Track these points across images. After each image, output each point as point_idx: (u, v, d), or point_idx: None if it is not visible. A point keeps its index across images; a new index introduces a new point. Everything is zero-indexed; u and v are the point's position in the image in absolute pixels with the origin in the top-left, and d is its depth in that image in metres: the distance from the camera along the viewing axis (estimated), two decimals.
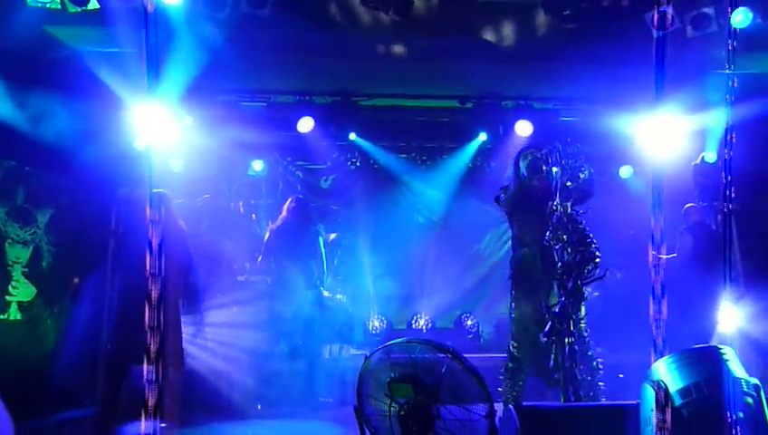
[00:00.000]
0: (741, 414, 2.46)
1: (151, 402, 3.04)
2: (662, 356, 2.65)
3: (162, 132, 3.46)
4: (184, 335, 4.86)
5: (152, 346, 3.07)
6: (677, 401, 2.54)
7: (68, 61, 5.69)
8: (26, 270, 5.25)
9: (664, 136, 3.42)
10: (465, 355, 2.85)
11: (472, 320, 8.39)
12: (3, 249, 5.12)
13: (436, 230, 9.05)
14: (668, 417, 2.39)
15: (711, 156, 6.50)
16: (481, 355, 6.97)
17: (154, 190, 3.24)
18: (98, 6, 5.08)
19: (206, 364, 5.54)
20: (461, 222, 8.93)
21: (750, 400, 2.53)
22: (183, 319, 4.88)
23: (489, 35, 6.15)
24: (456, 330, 8.42)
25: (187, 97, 6.44)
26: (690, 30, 5.53)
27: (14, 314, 5.15)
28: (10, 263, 5.16)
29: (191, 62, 5.56)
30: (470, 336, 8.25)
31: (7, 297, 5.10)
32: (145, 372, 3.08)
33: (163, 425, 3.36)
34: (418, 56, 6.39)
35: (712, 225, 6.07)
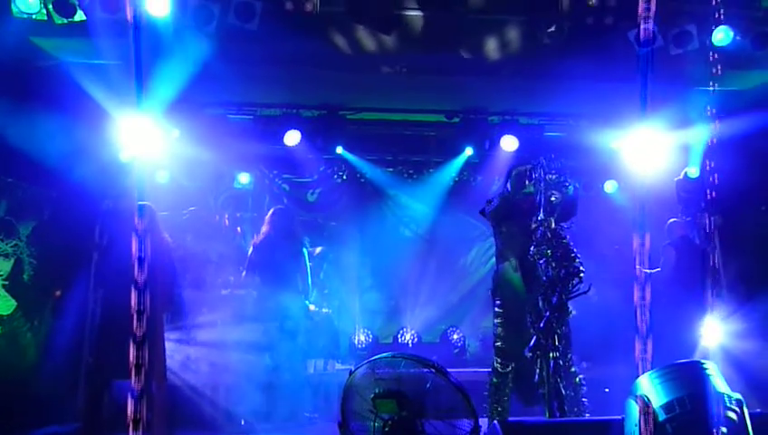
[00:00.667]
0: (724, 429, 2.47)
1: (134, 417, 3.00)
2: (645, 371, 2.65)
3: (148, 144, 3.44)
4: (167, 349, 4.82)
5: (135, 360, 3.03)
6: (661, 417, 2.54)
7: (53, 72, 5.66)
8: (6, 283, 5.18)
9: (648, 151, 3.46)
10: (450, 370, 2.84)
11: (458, 334, 8.38)
12: None
13: (423, 244, 9.06)
14: (652, 432, 2.39)
15: (693, 171, 6.58)
16: (467, 370, 6.96)
17: (139, 202, 3.22)
18: (84, 18, 5.07)
19: (190, 379, 5.49)
20: (447, 236, 8.94)
21: (733, 415, 2.54)
22: (167, 333, 4.83)
23: (475, 51, 6.20)
24: (442, 344, 8.40)
25: (174, 109, 6.42)
26: (673, 47, 5.61)
27: None
28: None
29: (178, 74, 5.56)
30: (456, 350, 8.23)
31: None
32: (128, 387, 3.05)
33: None
34: (406, 71, 6.42)
35: (695, 239, 6.13)
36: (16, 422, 4.78)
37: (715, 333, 3.77)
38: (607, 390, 5.57)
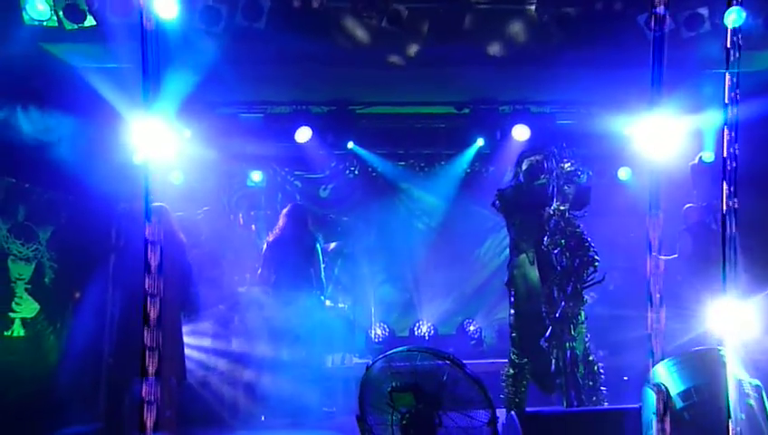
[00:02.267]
0: (743, 416, 2.46)
1: (150, 417, 3.04)
2: (661, 359, 2.64)
3: (161, 146, 3.47)
4: (186, 347, 4.87)
5: (151, 360, 3.07)
6: (679, 404, 2.54)
7: (66, 77, 5.72)
8: (29, 286, 5.27)
9: (661, 137, 3.42)
10: (467, 361, 2.84)
11: (474, 326, 8.38)
12: (5, 266, 5.14)
13: (436, 237, 9.05)
14: (669, 420, 2.39)
15: (708, 156, 6.51)
16: (484, 361, 6.96)
17: (154, 204, 3.25)
18: (94, 23, 5.11)
19: (209, 376, 5.55)
20: (461, 228, 8.93)
21: (751, 401, 2.53)
22: (184, 331, 4.88)
23: (484, 41, 6.17)
24: (458, 336, 8.42)
25: (185, 110, 6.48)
26: (684, 30, 5.55)
27: (18, 330, 5.16)
28: (13, 279, 5.18)
29: (188, 75, 5.60)
30: (473, 342, 8.24)
31: (11, 314, 5.11)
32: (144, 387, 3.08)
33: None
34: (414, 63, 6.40)
35: (712, 224, 6.07)
36: (40, 424, 4.86)
37: (732, 318, 3.73)
38: (626, 378, 5.55)
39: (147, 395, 2.99)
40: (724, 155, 2.87)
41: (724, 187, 2.90)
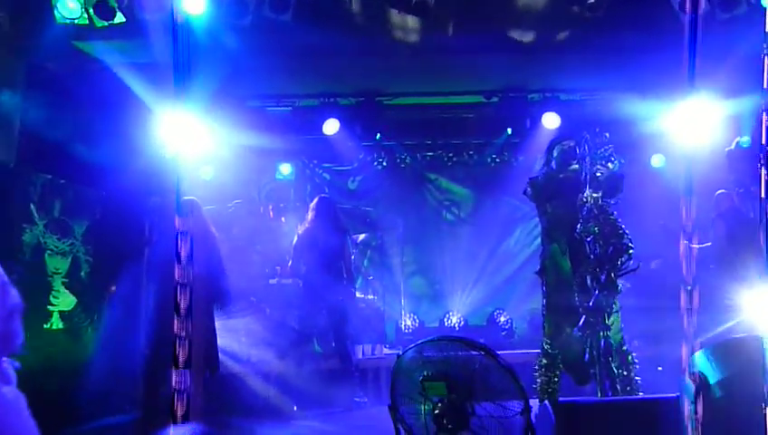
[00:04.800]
0: None
1: (182, 407, 3.09)
2: (696, 348, 2.58)
3: (191, 140, 3.50)
4: (219, 339, 4.93)
5: (185, 352, 3.11)
6: (718, 393, 2.48)
7: (97, 74, 5.81)
8: (66, 280, 5.39)
9: (696, 123, 3.33)
10: (499, 352, 2.82)
11: (505, 316, 8.33)
12: (43, 260, 5.26)
13: (466, 227, 9.01)
14: (709, 410, 2.34)
15: (746, 140, 6.34)
16: (515, 351, 6.90)
17: (184, 198, 3.29)
18: (124, 20, 5.19)
19: (241, 367, 5.61)
20: (490, 218, 8.86)
21: None
22: (217, 322, 4.94)
23: (512, 28, 6.09)
24: (489, 327, 8.37)
25: (214, 104, 6.54)
26: (719, 12, 5.39)
27: (57, 323, 5.28)
28: (50, 273, 5.30)
29: (216, 69, 5.64)
30: (504, 333, 8.19)
31: (49, 307, 5.24)
32: (174, 376, 3.13)
33: (200, 429, 3.42)
34: (442, 53, 6.36)
35: (747, 211, 5.91)
36: (80, 413, 4.97)
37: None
38: (660, 368, 5.46)
39: (178, 384, 3.04)
40: (762, 142, 2.79)
41: (763, 173, 2.81)
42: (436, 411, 2.79)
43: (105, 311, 5.62)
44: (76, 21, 5.18)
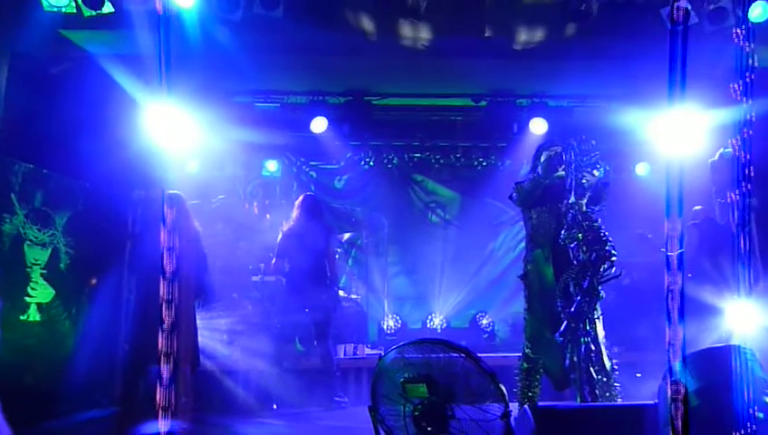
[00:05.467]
0: (761, 415, 2.42)
1: (165, 403, 3.06)
2: (677, 355, 2.61)
3: (177, 134, 3.47)
4: (200, 335, 4.90)
5: (166, 347, 3.08)
6: (696, 402, 2.50)
7: (84, 64, 5.75)
8: (45, 272, 5.31)
9: (681, 132, 3.35)
10: (480, 355, 2.83)
11: (487, 319, 8.36)
12: (22, 251, 5.18)
13: (451, 229, 9.03)
14: (687, 418, 2.35)
15: (729, 152, 6.41)
16: (497, 355, 6.93)
17: (169, 192, 3.26)
18: (112, 10, 5.13)
19: (222, 364, 5.58)
20: (475, 221, 8.90)
21: None
22: (199, 318, 4.91)
23: (503, 33, 6.11)
24: (471, 329, 8.39)
25: (201, 98, 6.49)
26: (707, 24, 5.46)
27: (34, 315, 5.21)
28: (29, 264, 5.22)
29: (205, 63, 5.60)
30: (485, 335, 8.22)
31: (27, 298, 5.16)
32: (160, 372, 3.10)
33: (181, 427, 3.38)
34: (431, 55, 6.36)
35: (726, 222, 5.98)
36: (56, 408, 4.91)
37: (747, 315, 3.68)
38: (639, 374, 5.51)
39: (160, 380, 3.01)
40: (739, 154, 2.82)
41: (740, 185, 2.84)
42: (417, 413, 2.79)
43: (85, 304, 5.56)
44: (63, 9, 5.11)
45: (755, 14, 5.36)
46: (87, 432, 4.88)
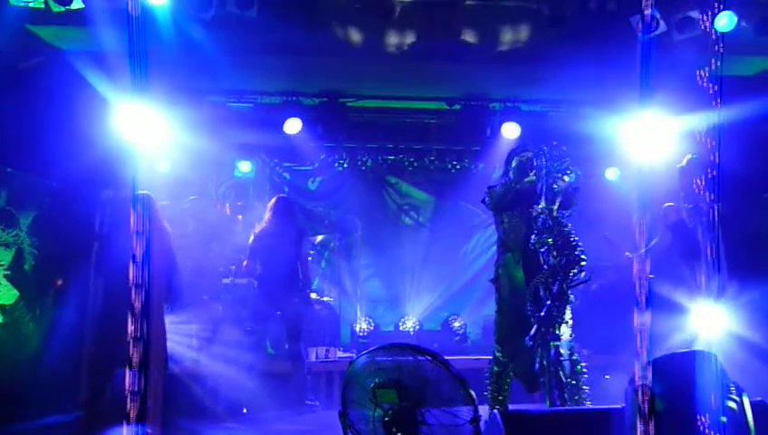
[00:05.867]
0: (724, 419, 2.47)
1: (134, 408, 3.00)
2: (645, 359, 2.64)
3: (148, 133, 3.42)
4: (168, 338, 4.82)
5: (134, 350, 3.03)
6: (661, 406, 2.54)
7: (51, 61, 5.63)
8: (8, 273, 5.19)
9: (650, 138, 3.41)
10: (452, 358, 2.84)
11: (459, 322, 8.39)
12: None
13: (424, 232, 9.05)
14: (652, 422, 2.39)
15: (696, 158, 6.53)
16: (469, 357, 6.97)
17: (138, 192, 3.20)
18: (82, 6, 5.03)
19: (192, 368, 5.51)
20: (448, 224, 8.93)
21: (733, 404, 2.54)
22: (167, 322, 4.84)
23: (477, 37, 6.15)
24: (443, 332, 8.42)
25: (174, 97, 6.40)
26: (676, 33, 5.56)
27: None
28: None
29: (178, 62, 5.53)
30: (457, 338, 8.25)
31: None
32: (127, 378, 3.04)
33: (149, 432, 3.32)
34: (406, 58, 6.38)
35: (690, 225, 6.10)
36: (19, 412, 4.80)
37: (713, 319, 3.76)
38: (608, 377, 5.58)
39: (130, 386, 2.95)
40: (708, 159, 2.88)
41: (707, 191, 2.90)
42: (386, 419, 2.78)
43: (50, 306, 5.44)
44: (31, 4, 5.00)
45: (721, 24, 5.48)
46: None
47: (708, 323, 3.92)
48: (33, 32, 5.55)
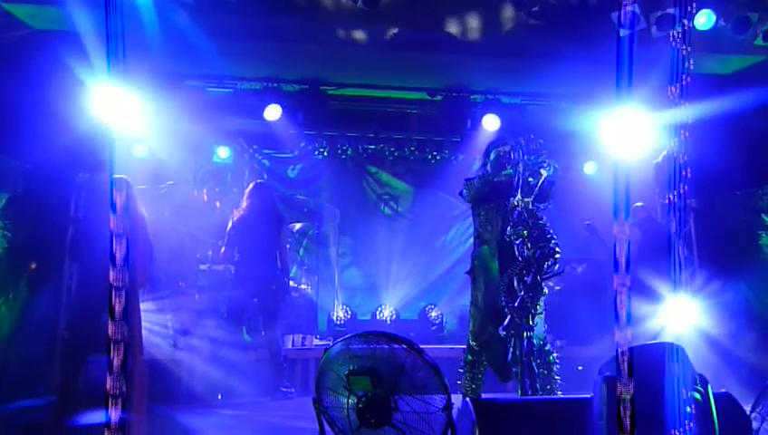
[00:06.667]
0: (689, 409, 2.53)
1: (108, 392, 2.98)
2: (615, 350, 2.70)
3: (125, 117, 3.37)
4: (144, 324, 4.79)
5: (109, 335, 3.01)
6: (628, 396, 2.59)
7: (27, 40, 5.52)
8: None
9: (628, 133, 3.45)
10: (428, 346, 2.86)
11: (436, 312, 8.45)
12: None
13: (403, 222, 9.09)
14: (619, 412, 2.44)
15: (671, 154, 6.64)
16: (445, 346, 7.04)
17: (115, 176, 3.16)
18: None
19: (167, 354, 5.48)
20: (427, 214, 8.98)
21: (698, 395, 2.61)
22: (143, 307, 4.80)
23: (459, 29, 6.16)
24: (420, 321, 8.47)
25: (152, 81, 6.32)
26: (655, 30, 5.63)
27: None
28: None
29: (157, 45, 5.45)
30: (434, 328, 8.31)
31: None
32: (104, 361, 3.03)
33: (123, 417, 3.31)
34: (388, 47, 6.37)
35: (667, 222, 6.20)
36: None
37: (681, 313, 3.83)
38: (580, 368, 5.68)
39: (103, 369, 2.93)
40: (677, 156, 2.92)
41: (678, 186, 2.95)
42: (360, 406, 2.81)
43: (23, 290, 5.37)
44: None
45: (700, 21, 5.56)
46: (22, 421, 4.72)
47: (676, 317, 4.00)
48: (7, 9, 5.44)
